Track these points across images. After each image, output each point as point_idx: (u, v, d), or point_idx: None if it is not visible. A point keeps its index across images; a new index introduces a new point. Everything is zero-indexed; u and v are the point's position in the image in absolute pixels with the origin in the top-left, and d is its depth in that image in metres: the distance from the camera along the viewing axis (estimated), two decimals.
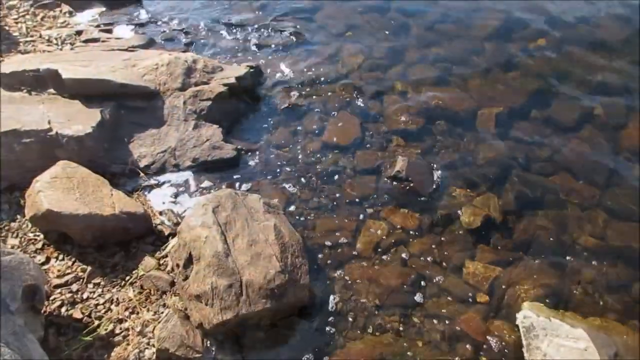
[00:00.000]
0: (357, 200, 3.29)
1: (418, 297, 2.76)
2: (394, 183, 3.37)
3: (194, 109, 3.67)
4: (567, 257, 3.00)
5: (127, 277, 2.76)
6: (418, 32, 4.90)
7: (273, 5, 5.31)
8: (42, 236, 2.91)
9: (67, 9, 5.00)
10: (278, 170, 3.48)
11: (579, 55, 4.59)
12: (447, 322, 2.66)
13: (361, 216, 3.19)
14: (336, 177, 3.44)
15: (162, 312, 2.58)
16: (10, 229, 2.95)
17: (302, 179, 3.42)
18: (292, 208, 3.22)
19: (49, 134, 3.12)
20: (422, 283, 2.83)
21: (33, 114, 3.25)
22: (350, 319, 2.65)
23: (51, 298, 2.61)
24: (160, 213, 3.15)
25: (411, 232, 3.10)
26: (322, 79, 4.30)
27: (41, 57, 3.95)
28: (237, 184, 3.37)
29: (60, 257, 2.83)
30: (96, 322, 2.52)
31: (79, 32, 4.61)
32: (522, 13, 5.14)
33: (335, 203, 3.27)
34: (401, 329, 2.62)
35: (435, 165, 3.51)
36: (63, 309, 2.57)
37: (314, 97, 4.10)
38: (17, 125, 3.10)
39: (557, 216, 3.21)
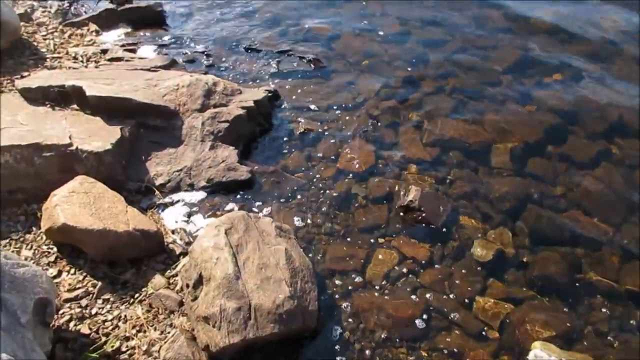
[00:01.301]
0: (368, 228, 3.29)
1: (427, 330, 2.72)
2: (407, 212, 3.37)
3: (211, 130, 3.72)
4: (580, 296, 2.95)
5: (137, 295, 2.77)
6: (435, 63, 4.95)
7: (293, 32, 5.42)
8: (55, 249, 2.95)
9: (94, 27, 5.15)
10: (291, 194, 3.50)
11: (595, 92, 4.60)
12: (455, 357, 2.61)
13: (372, 244, 3.18)
14: (348, 203, 3.45)
15: (169, 332, 2.58)
16: (25, 241, 2.99)
17: (315, 204, 3.43)
18: (303, 233, 3.23)
19: (70, 149, 3.18)
20: (432, 315, 2.80)
21: (55, 129, 3.32)
22: (358, 349, 2.62)
23: (60, 312, 2.62)
24: (173, 232, 3.18)
25: (422, 263, 3.08)
26: (338, 105, 4.36)
27: (67, 73, 4.06)
28: (250, 206, 3.40)
29: (72, 271, 2.86)
30: (103, 339, 2.52)
31: (104, 51, 4.74)
32: (539, 48, 5.18)
33: (346, 230, 3.27)
34: None
35: (448, 197, 3.51)
36: (71, 324, 2.58)
37: (329, 123, 4.15)
38: (39, 139, 3.17)
39: (570, 254, 3.17)
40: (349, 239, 3.21)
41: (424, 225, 3.31)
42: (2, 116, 3.32)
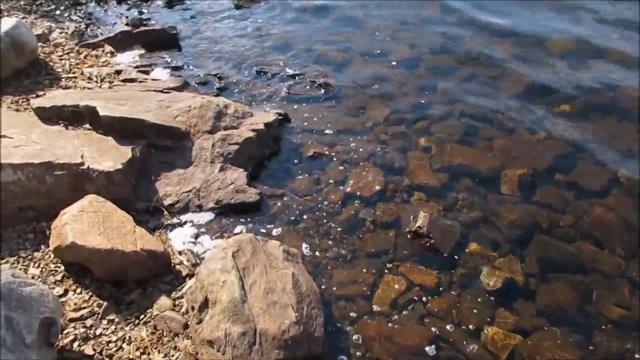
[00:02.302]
0: (376, 253, 3.27)
1: None
2: (415, 238, 3.35)
3: (221, 151, 3.75)
4: (591, 328, 2.89)
5: (142, 316, 2.75)
6: (445, 88, 4.99)
7: (305, 56, 5.50)
8: (62, 268, 2.95)
9: (109, 49, 5.26)
10: (299, 217, 3.50)
11: (603, 122, 4.59)
12: None
13: (380, 270, 3.15)
14: (356, 228, 3.44)
15: (173, 355, 2.55)
16: (33, 259, 3.00)
17: (323, 228, 3.42)
18: (310, 257, 3.21)
19: (81, 168, 3.22)
20: (439, 345, 2.75)
21: (68, 148, 3.37)
22: None
23: (65, 332, 2.61)
24: (180, 253, 3.18)
25: (430, 290, 3.04)
26: (348, 129, 4.38)
27: (81, 93, 4.13)
28: (258, 229, 3.39)
29: (78, 290, 2.85)
30: None
31: (118, 72, 4.83)
32: (548, 78, 5.20)
33: (354, 255, 3.25)
34: None
35: (456, 223, 3.48)
36: (75, 344, 2.56)
37: (338, 147, 4.17)
38: (51, 157, 3.21)
39: (580, 284, 3.12)
40: (356, 264, 3.19)
41: (432, 251, 3.28)
42: (17, 135, 3.37)
